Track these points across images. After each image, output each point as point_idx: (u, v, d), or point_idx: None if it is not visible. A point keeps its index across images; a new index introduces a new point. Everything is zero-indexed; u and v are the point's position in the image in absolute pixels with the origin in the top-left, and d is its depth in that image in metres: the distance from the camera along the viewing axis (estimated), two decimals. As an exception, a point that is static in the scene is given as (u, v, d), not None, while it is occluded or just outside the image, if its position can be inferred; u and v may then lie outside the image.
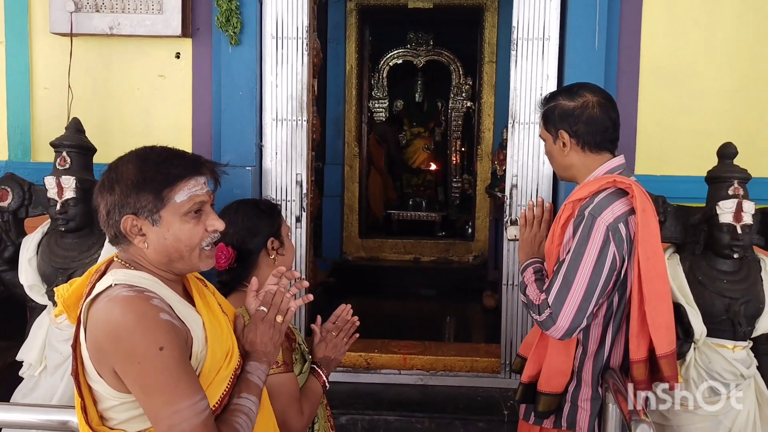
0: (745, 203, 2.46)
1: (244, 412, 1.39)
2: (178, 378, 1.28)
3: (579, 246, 1.87)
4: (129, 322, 1.27)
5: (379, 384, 3.43)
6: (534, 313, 1.95)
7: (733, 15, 3.14)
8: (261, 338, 1.50)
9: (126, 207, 1.35)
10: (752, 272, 2.55)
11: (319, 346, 1.96)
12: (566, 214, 1.96)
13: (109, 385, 1.32)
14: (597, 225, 1.86)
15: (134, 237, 1.37)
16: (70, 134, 2.82)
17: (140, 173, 1.36)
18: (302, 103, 3.27)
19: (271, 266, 1.86)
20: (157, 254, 1.38)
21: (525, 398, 2.10)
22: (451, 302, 5.52)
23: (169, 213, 1.36)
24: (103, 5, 3.19)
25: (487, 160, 5.98)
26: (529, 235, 2.14)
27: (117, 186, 1.36)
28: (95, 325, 1.31)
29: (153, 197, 1.35)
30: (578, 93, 1.99)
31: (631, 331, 1.91)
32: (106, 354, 1.30)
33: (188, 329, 1.35)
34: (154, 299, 1.32)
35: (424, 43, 7.66)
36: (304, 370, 1.88)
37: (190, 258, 1.40)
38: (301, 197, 3.29)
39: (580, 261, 1.85)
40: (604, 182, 1.92)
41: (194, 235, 1.39)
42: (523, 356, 2.18)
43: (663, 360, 1.92)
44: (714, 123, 3.13)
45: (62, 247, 2.74)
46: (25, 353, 2.75)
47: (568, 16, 3.12)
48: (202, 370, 1.37)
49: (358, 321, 2.02)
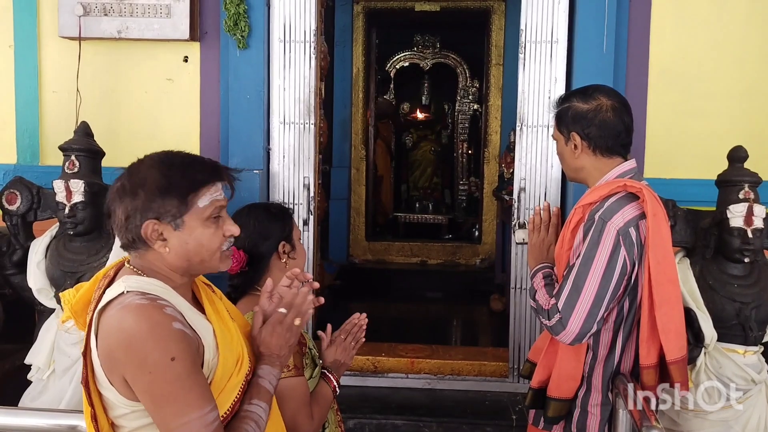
0: (756, 207, 2.44)
1: (253, 420, 1.38)
2: (189, 389, 1.28)
3: (589, 250, 1.85)
4: (142, 330, 1.27)
5: (386, 388, 3.42)
6: (543, 318, 1.93)
7: (742, 17, 3.12)
8: (277, 341, 1.49)
9: (149, 212, 1.35)
10: (763, 276, 2.53)
11: (329, 350, 1.96)
12: (576, 218, 1.94)
13: (120, 393, 1.32)
14: (607, 229, 1.84)
15: (154, 242, 1.36)
16: (79, 138, 2.83)
17: (166, 178, 1.36)
18: (310, 106, 3.27)
19: (282, 270, 1.86)
20: (178, 259, 1.38)
21: (535, 403, 2.09)
22: (458, 305, 5.51)
23: (192, 218, 1.37)
24: (112, 9, 3.20)
25: (494, 162, 5.96)
26: (538, 240, 2.13)
27: (141, 190, 1.35)
28: (107, 333, 1.31)
29: (178, 202, 1.35)
30: (592, 95, 1.97)
31: (641, 336, 1.89)
32: (118, 362, 1.29)
33: (200, 338, 1.35)
34: (168, 308, 1.31)
35: (431, 46, 7.66)
36: (315, 375, 1.87)
37: (211, 261, 1.41)
38: (308, 200, 3.29)
39: (591, 265, 1.84)
40: (614, 186, 1.90)
41: (215, 239, 1.40)
42: (533, 361, 2.17)
43: (673, 366, 1.89)
44: (724, 126, 3.12)
45: (71, 250, 2.74)
46: (33, 357, 2.76)
47: (576, 18, 3.11)
48: (214, 378, 1.36)
49: (365, 323, 2.02)
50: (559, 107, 2.03)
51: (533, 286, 2.04)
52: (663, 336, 1.86)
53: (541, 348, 2.10)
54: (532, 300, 2.02)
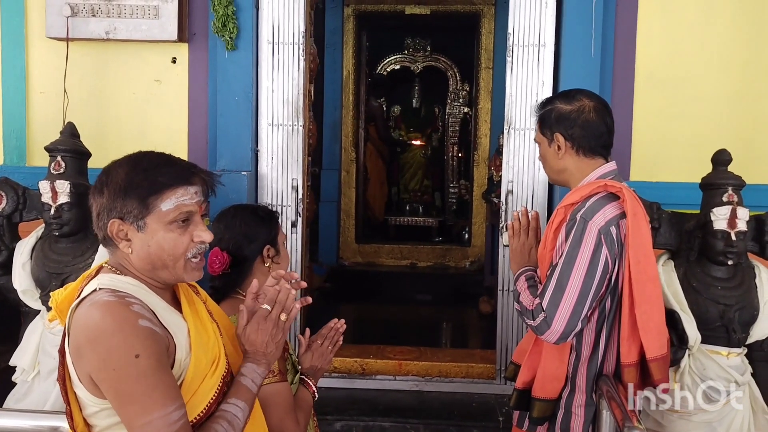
0: (740, 210, 2.46)
1: (226, 419, 1.37)
2: (153, 387, 1.26)
3: (572, 249, 1.87)
4: (107, 327, 1.27)
5: (374, 390, 3.42)
6: (528, 318, 1.94)
7: (728, 21, 3.15)
8: (262, 337, 1.48)
9: (113, 211, 1.35)
10: (746, 279, 2.55)
11: (306, 356, 1.95)
12: (558, 219, 1.96)
13: (89, 391, 1.31)
14: (589, 228, 1.86)
15: (120, 241, 1.37)
16: (65, 139, 2.82)
17: (128, 179, 1.36)
18: (298, 108, 3.28)
19: (265, 274, 1.85)
20: (141, 261, 1.38)
21: (519, 404, 2.10)
22: (448, 308, 5.51)
23: (153, 221, 1.35)
24: (100, 10, 3.19)
25: (483, 165, 5.98)
26: (519, 244, 2.14)
27: (106, 189, 1.36)
28: (76, 329, 1.31)
29: (138, 203, 1.35)
30: (575, 97, 2.01)
31: (622, 334, 1.92)
32: (84, 359, 1.29)
33: (171, 336, 1.34)
34: (135, 305, 1.30)
35: (422, 49, 7.66)
36: (295, 381, 1.87)
37: (175, 268, 1.39)
38: (296, 202, 3.29)
39: (573, 264, 1.86)
40: (595, 186, 1.93)
41: (179, 245, 1.37)
42: (517, 363, 2.19)
43: (653, 363, 1.92)
44: (709, 129, 3.14)
45: (56, 251, 2.73)
46: (18, 358, 2.75)
47: (563, 22, 3.13)
48: (185, 378, 1.35)
49: (343, 328, 2.02)
50: (542, 110, 2.05)
51: (516, 288, 2.06)
52: (643, 334, 1.89)
53: (525, 349, 2.11)
54: (517, 303, 2.04)
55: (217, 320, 1.53)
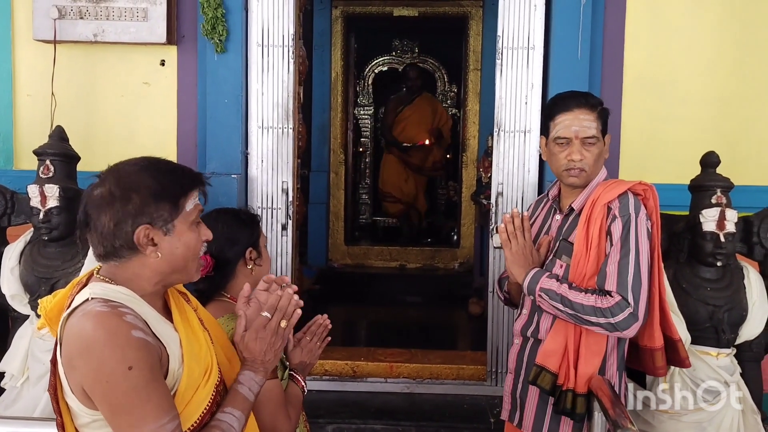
0: (728, 211, 2.48)
1: (221, 429, 1.36)
2: (146, 399, 1.25)
3: (635, 242, 1.93)
4: (99, 338, 1.25)
5: (365, 392, 3.42)
6: (603, 317, 1.88)
7: (715, 24, 3.18)
8: (261, 346, 1.47)
9: (143, 216, 1.33)
10: (735, 280, 2.58)
11: (294, 352, 1.97)
12: (600, 216, 1.97)
13: (81, 402, 1.30)
14: (640, 221, 1.95)
15: (146, 248, 1.34)
16: (54, 142, 2.80)
17: (159, 183, 1.35)
18: (288, 110, 3.27)
19: (248, 276, 1.88)
20: (166, 264, 1.37)
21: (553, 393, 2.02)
22: (437, 309, 5.51)
23: (180, 222, 1.37)
24: (87, 12, 3.16)
25: (472, 167, 5.99)
26: (519, 248, 2.07)
27: (135, 195, 1.33)
28: (68, 340, 1.29)
29: (170, 206, 1.35)
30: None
31: (653, 319, 2.01)
32: (76, 370, 1.27)
33: (164, 346, 1.33)
34: (128, 315, 1.28)
35: (410, 51, 7.67)
36: (285, 377, 1.88)
37: (190, 268, 1.41)
38: (287, 205, 3.29)
39: (640, 256, 1.92)
40: (624, 186, 2.00)
41: (198, 243, 1.41)
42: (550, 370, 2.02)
43: (680, 343, 2.08)
44: (697, 131, 3.17)
45: (45, 256, 2.71)
46: (6, 364, 2.72)
47: (552, 25, 3.14)
48: (179, 388, 1.34)
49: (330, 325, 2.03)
50: (600, 107, 2.08)
51: (556, 293, 1.94)
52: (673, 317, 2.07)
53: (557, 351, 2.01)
54: (563, 306, 1.93)
55: (208, 328, 1.52)
